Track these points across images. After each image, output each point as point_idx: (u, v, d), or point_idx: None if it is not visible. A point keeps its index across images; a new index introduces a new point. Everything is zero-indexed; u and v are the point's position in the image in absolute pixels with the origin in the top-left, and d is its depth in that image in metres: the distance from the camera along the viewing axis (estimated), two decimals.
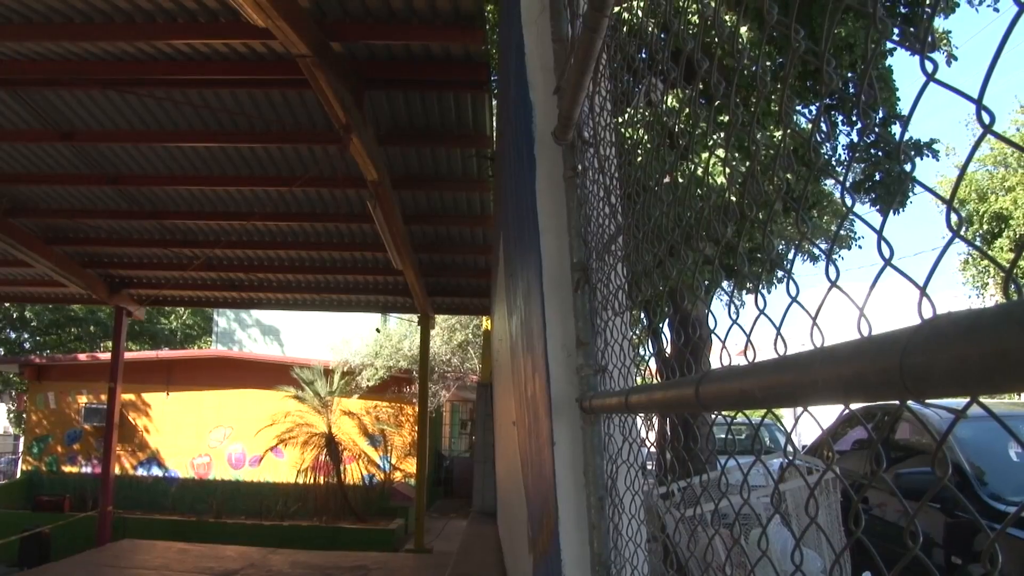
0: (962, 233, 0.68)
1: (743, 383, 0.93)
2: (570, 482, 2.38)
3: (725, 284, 7.95)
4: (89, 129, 8.17)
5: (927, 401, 0.60)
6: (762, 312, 1.16)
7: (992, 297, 24.41)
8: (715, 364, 1.29)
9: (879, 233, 0.76)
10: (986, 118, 0.62)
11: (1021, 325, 0.48)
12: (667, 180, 1.76)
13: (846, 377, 0.68)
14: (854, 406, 0.91)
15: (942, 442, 0.67)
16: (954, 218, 0.65)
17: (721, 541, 3.84)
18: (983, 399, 0.61)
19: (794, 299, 0.97)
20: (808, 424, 1.10)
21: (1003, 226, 25.21)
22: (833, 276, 0.88)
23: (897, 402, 0.68)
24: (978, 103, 0.62)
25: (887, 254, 0.76)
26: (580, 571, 2.31)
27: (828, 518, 5.85)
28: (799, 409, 0.96)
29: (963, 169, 0.68)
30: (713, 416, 1.52)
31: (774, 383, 0.84)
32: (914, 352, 0.58)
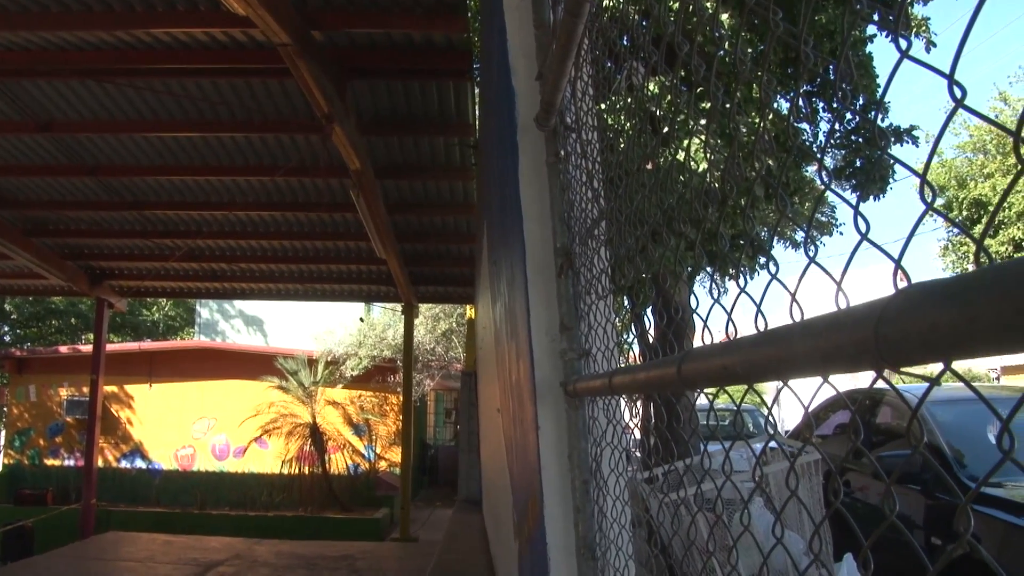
0: (940, 219, 0.70)
1: (724, 359, 0.95)
2: (555, 466, 2.40)
3: (708, 269, 7.98)
4: (68, 120, 8.10)
5: (903, 369, 0.61)
6: (743, 290, 1.18)
7: None
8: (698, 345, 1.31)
9: (855, 208, 0.78)
10: (958, 92, 0.63)
11: (990, 291, 0.49)
12: (649, 167, 1.78)
13: (824, 349, 0.70)
14: (837, 390, 0.92)
15: (918, 408, 0.69)
16: (927, 192, 0.67)
17: (704, 519, 3.88)
18: (972, 383, 0.63)
19: (773, 276, 0.99)
20: (790, 409, 1.12)
21: (982, 212, 25.40)
22: (812, 253, 0.90)
23: (878, 386, 0.70)
24: (950, 77, 0.64)
25: (863, 228, 0.78)
26: (566, 555, 2.33)
27: (810, 501, 5.91)
28: (781, 391, 0.98)
29: (936, 142, 0.69)
30: (695, 394, 1.53)
31: (754, 358, 0.86)
32: (888, 321, 0.59)
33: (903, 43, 0.69)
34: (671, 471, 4.65)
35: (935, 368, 0.64)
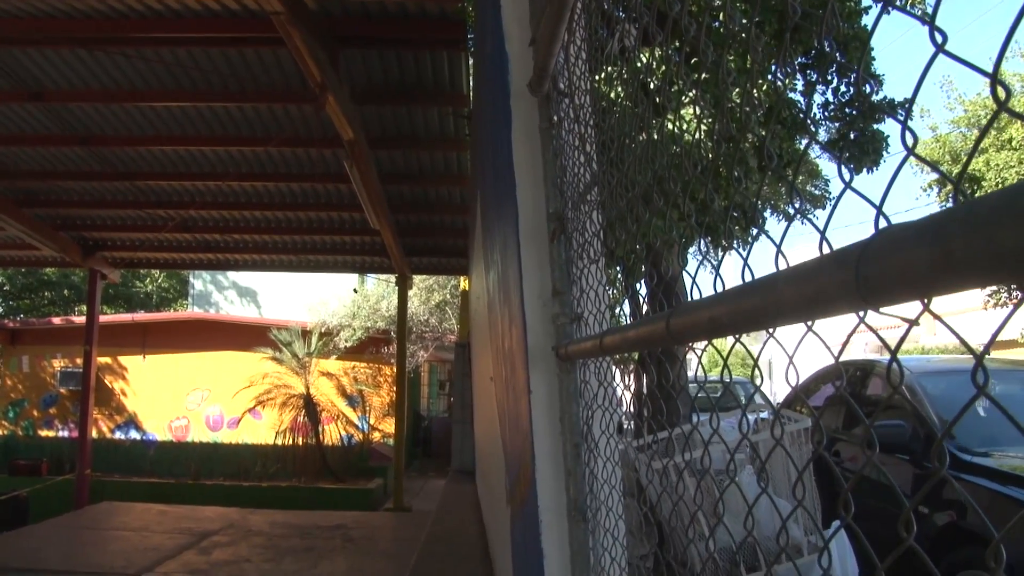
0: (933, 191, 0.71)
1: (712, 311, 0.96)
2: (546, 430, 2.42)
3: (700, 242, 8.00)
4: (59, 89, 8.04)
5: (883, 310, 0.63)
6: (731, 247, 1.19)
7: None
8: None
9: (838, 160, 0.79)
10: (939, 38, 0.64)
11: (963, 225, 0.51)
12: (642, 137, 1.78)
13: (808, 294, 0.71)
14: (823, 342, 0.94)
15: (895, 351, 0.71)
16: (909, 138, 0.68)
17: (692, 480, 3.91)
18: (959, 356, 0.64)
19: (761, 229, 1.00)
20: (782, 382, 1.14)
21: (976, 188, 25.42)
22: (798, 204, 0.91)
23: (869, 357, 0.71)
24: (931, 23, 0.65)
25: (847, 177, 0.79)
26: (557, 517, 2.36)
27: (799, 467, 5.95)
28: (770, 357, 1.00)
29: (919, 82, 0.71)
30: (686, 348, 1.55)
31: (741, 307, 0.87)
32: (868, 260, 0.61)
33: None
34: (663, 440, 4.70)
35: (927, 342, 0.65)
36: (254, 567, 7.36)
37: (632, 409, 2.27)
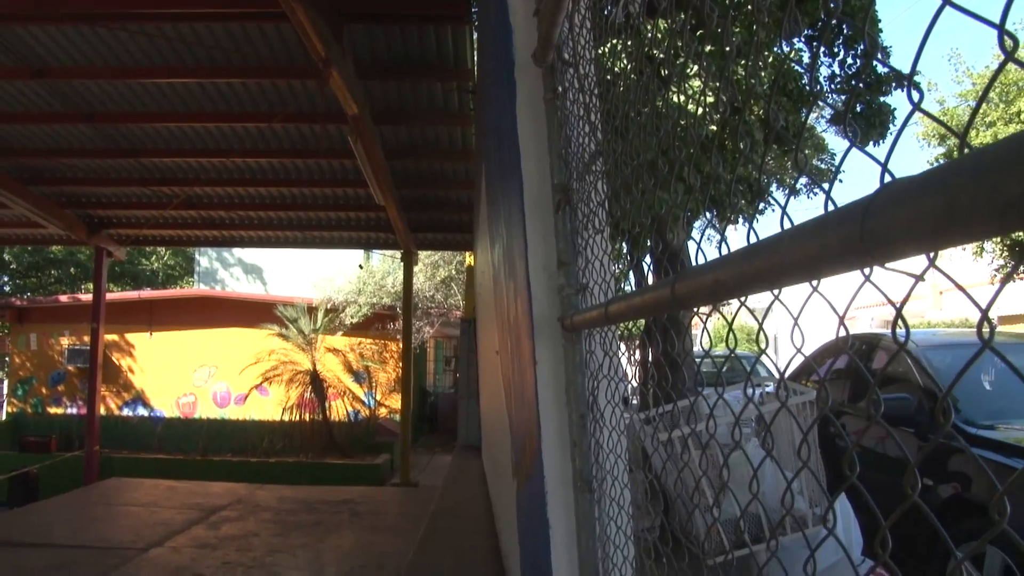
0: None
1: (716, 274, 0.96)
2: (552, 402, 2.43)
3: (706, 215, 7.99)
4: (62, 66, 8.01)
5: (888, 265, 0.63)
6: (736, 221, 1.19)
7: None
8: None
9: (846, 113, 0.79)
10: None
11: (969, 176, 0.50)
12: (646, 110, 1.78)
13: (812, 251, 0.71)
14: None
15: (901, 306, 0.70)
16: (915, 95, 0.68)
17: (695, 446, 3.92)
18: (966, 331, 0.64)
19: (768, 193, 1.00)
20: (787, 356, 1.14)
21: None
22: (803, 164, 0.91)
23: (875, 331, 0.71)
24: None
25: (852, 135, 0.79)
26: (562, 488, 2.37)
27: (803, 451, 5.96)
28: (775, 332, 0.99)
29: (926, 34, 0.70)
30: (691, 316, 1.55)
31: (745, 269, 0.87)
32: (874, 214, 0.61)
33: None
34: (668, 412, 4.71)
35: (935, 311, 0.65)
36: (262, 541, 7.41)
37: (637, 381, 2.27)
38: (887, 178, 0.67)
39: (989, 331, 0.61)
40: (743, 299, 1.00)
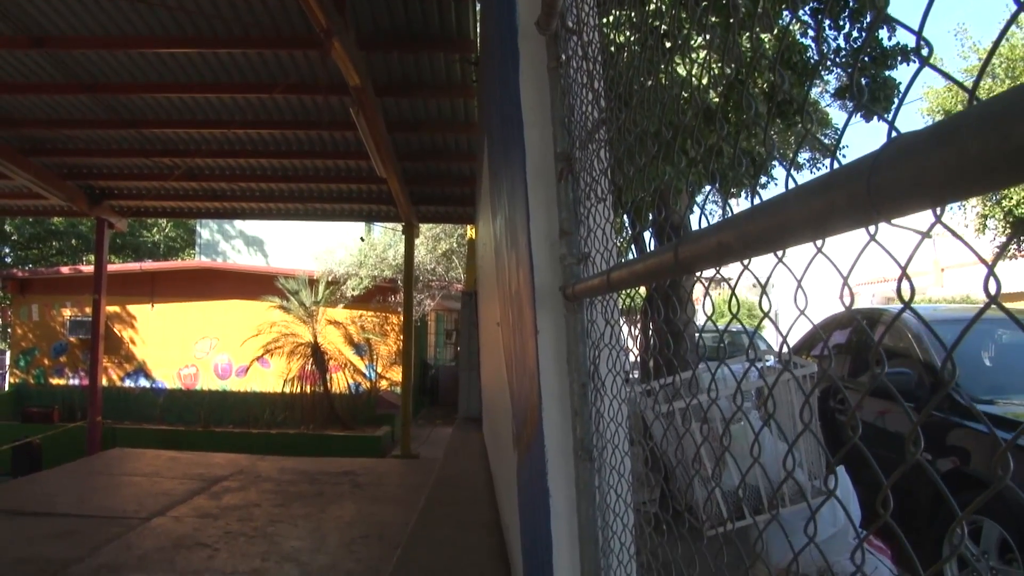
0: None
1: (720, 236, 0.95)
2: (553, 371, 2.43)
3: (708, 190, 7.96)
4: (62, 35, 7.95)
5: (895, 222, 0.62)
6: (738, 195, 1.18)
7: (973, 208, 24.34)
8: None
9: (851, 75, 0.78)
10: None
11: (979, 124, 0.50)
12: (649, 83, 1.76)
13: (818, 209, 0.71)
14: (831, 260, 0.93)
15: (905, 266, 0.70)
16: (924, 50, 0.67)
17: (696, 419, 3.94)
18: (968, 308, 0.64)
19: (770, 154, 0.99)
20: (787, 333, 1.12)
21: None
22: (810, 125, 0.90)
23: (877, 307, 0.70)
24: None
25: (861, 96, 0.78)
26: (563, 457, 2.38)
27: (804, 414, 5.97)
28: (777, 308, 0.99)
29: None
30: (693, 281, 1.54)
31: (750, 230, 0.87)
32: (881, 169, 0.60)
33: None
34: (669, 384, 4.72)
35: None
36: (263, 511, 7.46)
37: (638, 352, 2.27)
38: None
39: (996, 287, 0.61)
40: (747, 263, 0.99)
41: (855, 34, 8.59)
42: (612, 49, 2.18)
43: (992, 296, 0.61)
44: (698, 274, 1.23)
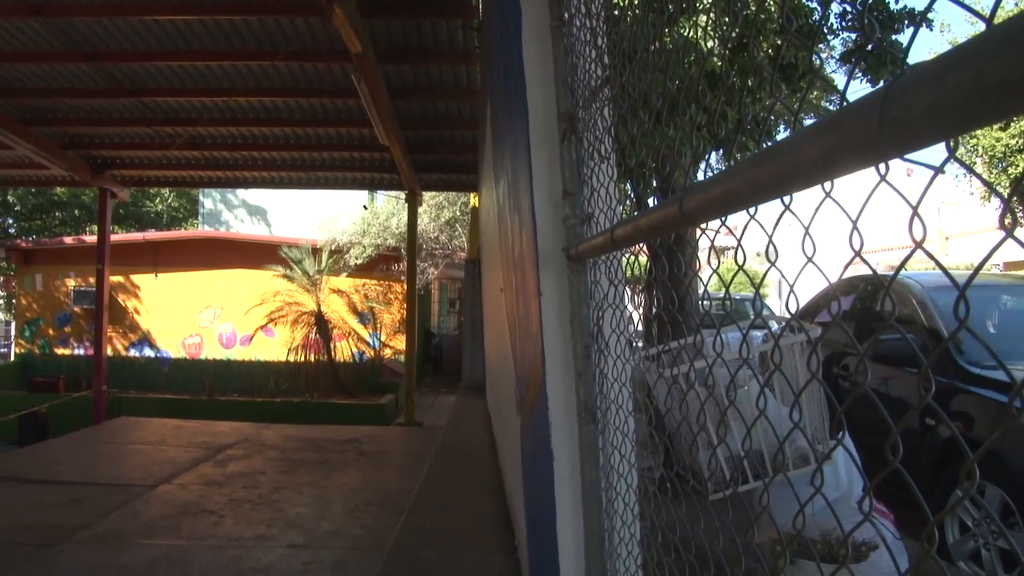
0: None
1: (727, 184, 0.94)
2: (556, 333, 2.42)
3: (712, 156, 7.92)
4: (62, 3, 7.86)
5: (907, 157, 0.61)
6: (741, 152, 1.16)
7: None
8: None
9: (862, 9, 0.76)
10: None
11: (997, 46, 0.48)
12: (654, 47, 1.73)
13: (828, 147, 0.69)
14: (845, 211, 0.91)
15: (917, 205, 0.68)
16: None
17: (700, 384, 3.93)
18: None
19: (771, 112, 0.97)
20: (789, 302, 1.11)
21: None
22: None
23: (883, 272, 0.68)
24: None
25: (870, 26, 0.76)
26: (566, 419, 2.37)
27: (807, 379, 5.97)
28: (779, 276, 0.97)
29: None
30: (697, 234, 1.52)
31: (758, 176, 0.85)
32: (894, 100, 0.58)
33: None
34: (672, 349, 4.71)
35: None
36: (268, 479, 7.49)
37: (642, 317, 2.25)
38: None
39: (1011, 221, 0.59)
40: (753, 211, 0.98)
41: None
42: (616, 1, 2.15)
43: (1009, 230, 0.60)
44: (704, 225, 1.21)
